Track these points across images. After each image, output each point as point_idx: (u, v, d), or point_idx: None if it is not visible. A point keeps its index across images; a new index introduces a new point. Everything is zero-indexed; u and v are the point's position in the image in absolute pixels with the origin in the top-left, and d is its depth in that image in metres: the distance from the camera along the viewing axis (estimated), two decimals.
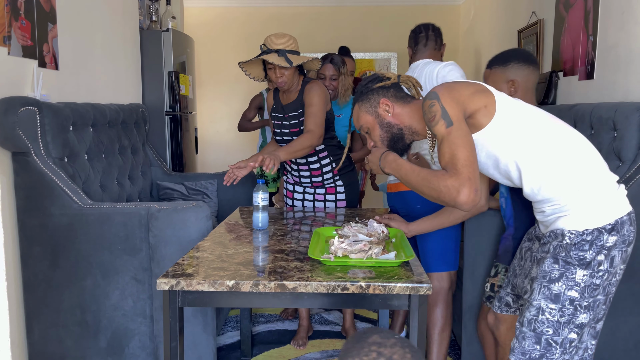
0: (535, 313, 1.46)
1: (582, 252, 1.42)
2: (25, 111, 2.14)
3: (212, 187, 3.35)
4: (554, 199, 1.48)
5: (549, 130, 1.49)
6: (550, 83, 3.13)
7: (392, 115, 1.66)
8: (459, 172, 1.41)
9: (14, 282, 2.22)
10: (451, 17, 6.04)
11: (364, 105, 1.69)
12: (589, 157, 1.48)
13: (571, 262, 1.43)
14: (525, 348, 1.46)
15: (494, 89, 1.55)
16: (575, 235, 1.43)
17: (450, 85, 1.52)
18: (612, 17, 2.53)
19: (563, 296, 1.43)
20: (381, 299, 1.50)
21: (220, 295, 1.53)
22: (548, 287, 1.44)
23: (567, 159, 1.46)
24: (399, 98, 1.66)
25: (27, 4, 2.31)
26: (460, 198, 1.41)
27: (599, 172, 1.47)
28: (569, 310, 1.43)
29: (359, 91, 1.71)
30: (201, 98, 6.08)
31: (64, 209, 2.18)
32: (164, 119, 3.84)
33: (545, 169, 1.47)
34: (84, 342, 2.24)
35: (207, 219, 2.18)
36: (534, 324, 1.45)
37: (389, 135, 1.67)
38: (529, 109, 1.53)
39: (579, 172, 1.45)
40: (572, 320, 1.43)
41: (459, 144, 1.43)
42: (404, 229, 1.93)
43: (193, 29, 5.84)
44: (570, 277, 1.43)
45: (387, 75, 1.70)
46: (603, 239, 1.42)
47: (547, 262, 1.46)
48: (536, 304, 1.46)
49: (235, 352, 2.64)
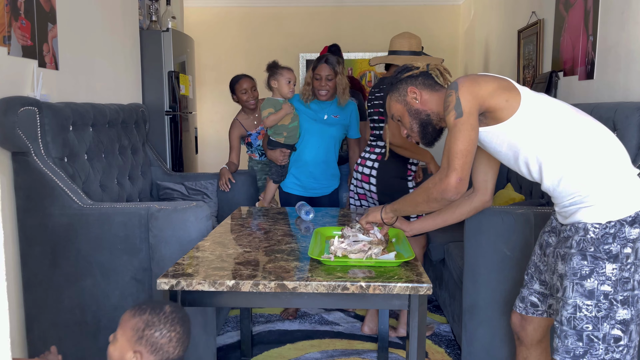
0: (572, 311, 1.46)
1: (607, 246, 1.43)
2: (25, 111, 2.14)
3: (212, 187, 3.34)
4: (574, 191, 1.49)
5: (573, 124, 1.52)
6: (550, 83, 3.13)
7: (419, 102, 1.71)
8: (449, 162, 1.52)
9: (14, 282, 2.22)
10: (451, 17, 6.03)
11: (394, 94, 1.75)
12: (612, 149, 1.50)
13: (600, 256, 1.44)
14: (568, 346, 1.47)
15: (520, 85, 1.59)
16: (599, 228, 1.44)
17: (474, 78, 1.57)
18: (612, 17, 2.53)
19: (597, 291, 1.43)
20: (381, 299, 1.50)
21: (220, 295, 1.53)
22: (581, 285, 1.45)
23: (589, 152, 1.48)
24: (427, 86, 1.71)
25: (27, 4, 2.31)
26: (444, 185, 1.53)
27: (621, 165, 1.48)
28: (605, 305, 1.43)
29: (390, 82, 1.77)
30: (201, 98, 6.07)
31: (64, 209, 2.18)
32: (164, 119, 3.84)
33: (566, 163, 1.49)
34: (84, 342, 2.24)
35: (207, 219, 2.18)
36: (573, 322, 1.46)
37: (418, 121, 1.72)
38: (554, 104, 1.56)
39: (601, 165, 1.47)
40: (611, 314, 1.43)
41: (459, 137, 1.50)
42: (405, 227, 1.92)
43: (193, 29, 5.84)
44: (600, 272, 1.43)
45: (416, 65, 1.76)
46: (625, 231, 1.43)
47: (575, 259, 1.47)
48: (572, 302, 1.46)
49: (235, 352, 2.64)
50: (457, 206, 1.88)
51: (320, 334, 2.81)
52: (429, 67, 1.73)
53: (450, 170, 1.51)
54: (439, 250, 2.96)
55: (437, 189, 1.56)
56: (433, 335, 2.81)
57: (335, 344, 2.71)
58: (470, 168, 1.54)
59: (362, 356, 2.58)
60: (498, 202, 2.99)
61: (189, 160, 4.29)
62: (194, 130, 4.45)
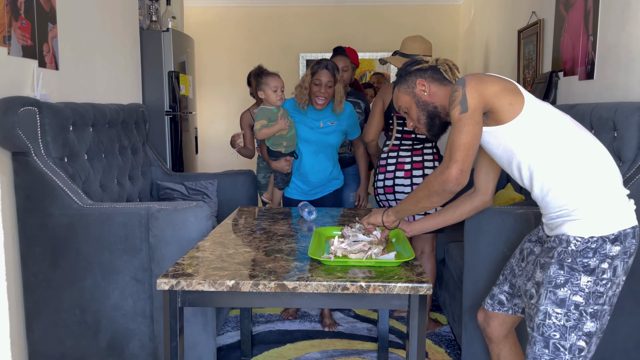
0: (542, 318, 1.49)
1: (587, 259, 1.46)
2: (25, 111, 2.14)
3: (212, 187, 3.35)
4: (562, 204, 1.52)
5: (570, 138, 1.53)
6: (550, 83, 3.13)
7: (428, 94, 1.73)
8: (450, 155, 1.52)
9: (14, 282, 2.22)
10: (451, 17, 6.03)
11: (402, 86, 1.77)
12: (606, 167, 1.52)
13: (576, 268, 1.47)
14: (535, 353, 1.50)
15: (526, 91, 1.60)
16: (581, 242, 1.47)
17: (481, 77, 1.58)
18: (612, 17, 2.53)
19: (568, 301, 1.46)
20: (381, 299, 1.50)
21: (220, 295, 1.53)
22: (554, 292, 1.48)
23: (582, 168, 1.50)
24: (435, 79, 1.73)
25: (27, 4, 2.31)
26: (445, 177, 1.53)
27: (612, 184, 1.51)
28: (575, 315, 1.46)
29: (399, 74, 1.79)
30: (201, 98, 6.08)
31: (64, 209, 2.18)
32: (164, 119, 3.84)
33: (557, 176, 1.51)
34: (84, 342, 2.24)
35: (207, 219, 2.18)
36: (542, 329, 1.49)
37: (425, 112, 1.74)
38: (556, 115, 1.57)
39: (591, 182, 1.49)
40: (579, 326, 1.46)
41: (463, 131, 1.52)
42: (405, 228, 1.92)
43: (193, 29, 5.84)
44: (575, 283, 1.46)
45: (425, 59, 1.79)
46: (606, 248, 1.46)
47: (552, 268, 1.50)
48: (543, 309, 1.49)
49: (235, 352, 2.64)
50: (457, 206, 1.89)
51: (320, 334, 2.81)
52: (438, 62, 1.76)
53: (451, 162, 1.52)
54: (439, 250, 2.96)
55: (438, 181, 1.55)
56: (433, 335, 2.81)
57: (335, 344, 2.71)
58: (472, 162, 1.55)
59: (362, 356, 2.58)
60: (498, 202, 2.99)
61: (189, 160, 4.29)
62: (194, 130, 4.45)
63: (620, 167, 2.10)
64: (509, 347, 1.85)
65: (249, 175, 3.43)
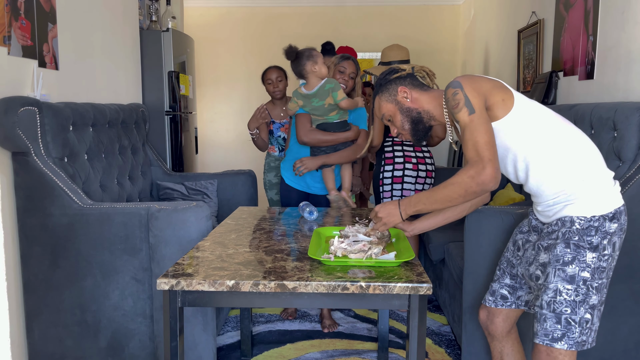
0: (553, 295, 1.55)
1: (590, 237, 1.55)
2: (25, 111, 2.14)
3: (212, 187, 3.34)
4: (558, 190, 1.59)
5: (558, 128, 1.61)
6: (550, 83, 3.13)
7: (410, 100, 1.77)
8: (479, 155, 1.53)
9: (14, 282, 2.22)
10: (451, 17, 6.03)
11: (384, 95, 1.80)
12: (592, 153, 1.60)
13: (582, 245, 1.54)
14: (547, 329, 1.55)
15: (510, 87, 1.66)
16: (584, 221, 1.55)
17: (472, 77, 1.63)
18: (612, 17, 2.54)
19: (577, 277, 1.53)
20: (381, 299, 1.50)
21: (220, 295, 1.53)
22: (563, 270, 1.55)
23: (572, 155, 1.58)
24: (415, 86, 1.78)
25: (27, 4, 2.31)
26: (483, 177, 1.52)
27: (599, 167, 1.60)
28: (583, 290, 1.53)
29: (378, 84, 1.82)
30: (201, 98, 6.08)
31: (64, 209, 2.18)
32: (164, 119, 3.84)
33: (552, 164, 1.59)
34: (84, 342, 2.24)
35: (207, 219, 2.18)
36: (553, 305, 1.54)
37: (409, 119, 1.78)
38: (542, 109, 1.65)
39: (582, 167, 1.57)
40: (586, 300, 1.53)
41: (481, 130, 1.55)
42: (406, 228, 1.92)
43: (193, 29, 5.84)
44: (581, 260, 1.54)
45: (402, 67, 1.83)
46: (606, 226, 1.55)
47: (559, 247, 1.56)
48: (553, 287, 1.55)
49: (235, 352, 2.64)
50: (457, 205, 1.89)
51: (320, 334, 2.81)
52: (415, 69, 1.83)
53: (485, 162, 1.53)
54: (439, 250, 2.96)
55: (477, 182, 1.54)
56: (433, 335, 2.81)
57: (335, 344, 2.71)
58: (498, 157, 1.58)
59: (362, 356, 2.58)
60: (498, 202, 2.99)
61: (189, 160, 4.29)
62: (194, 130, 4.45)
63: (620, 167, 2.11)
64: (511, 343, 1.87)
65: (249, 175, 3.43)
